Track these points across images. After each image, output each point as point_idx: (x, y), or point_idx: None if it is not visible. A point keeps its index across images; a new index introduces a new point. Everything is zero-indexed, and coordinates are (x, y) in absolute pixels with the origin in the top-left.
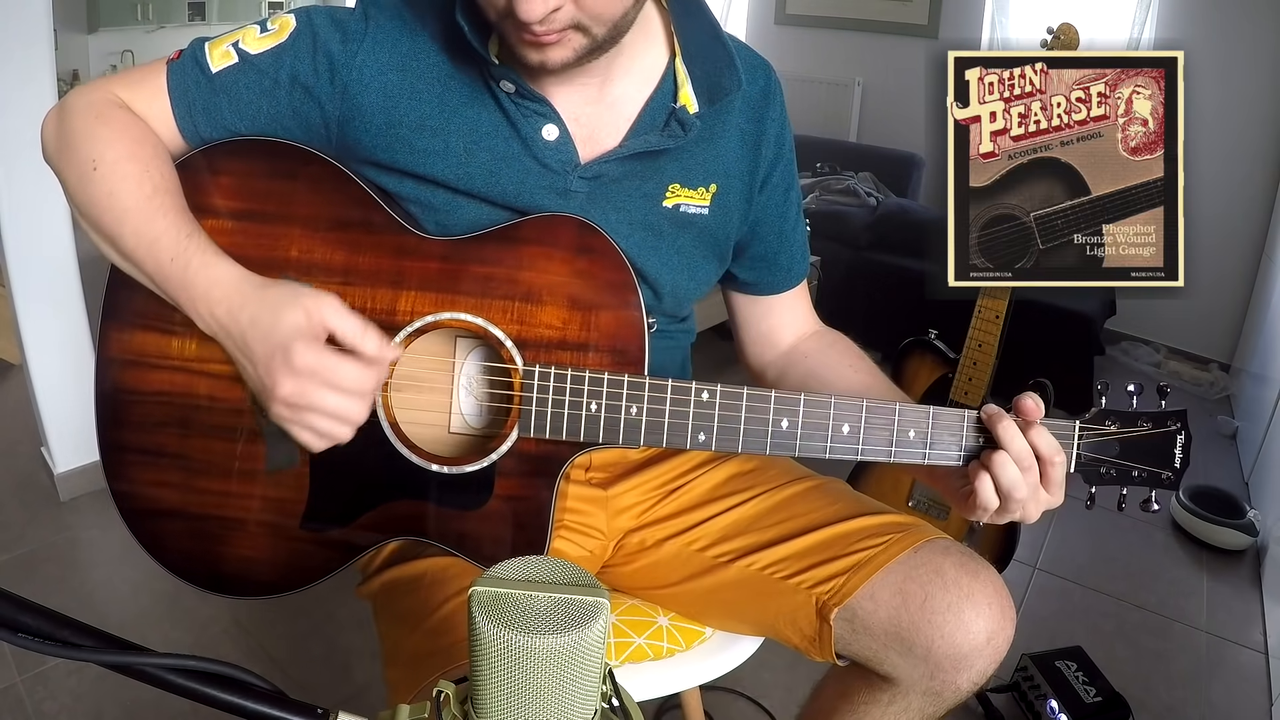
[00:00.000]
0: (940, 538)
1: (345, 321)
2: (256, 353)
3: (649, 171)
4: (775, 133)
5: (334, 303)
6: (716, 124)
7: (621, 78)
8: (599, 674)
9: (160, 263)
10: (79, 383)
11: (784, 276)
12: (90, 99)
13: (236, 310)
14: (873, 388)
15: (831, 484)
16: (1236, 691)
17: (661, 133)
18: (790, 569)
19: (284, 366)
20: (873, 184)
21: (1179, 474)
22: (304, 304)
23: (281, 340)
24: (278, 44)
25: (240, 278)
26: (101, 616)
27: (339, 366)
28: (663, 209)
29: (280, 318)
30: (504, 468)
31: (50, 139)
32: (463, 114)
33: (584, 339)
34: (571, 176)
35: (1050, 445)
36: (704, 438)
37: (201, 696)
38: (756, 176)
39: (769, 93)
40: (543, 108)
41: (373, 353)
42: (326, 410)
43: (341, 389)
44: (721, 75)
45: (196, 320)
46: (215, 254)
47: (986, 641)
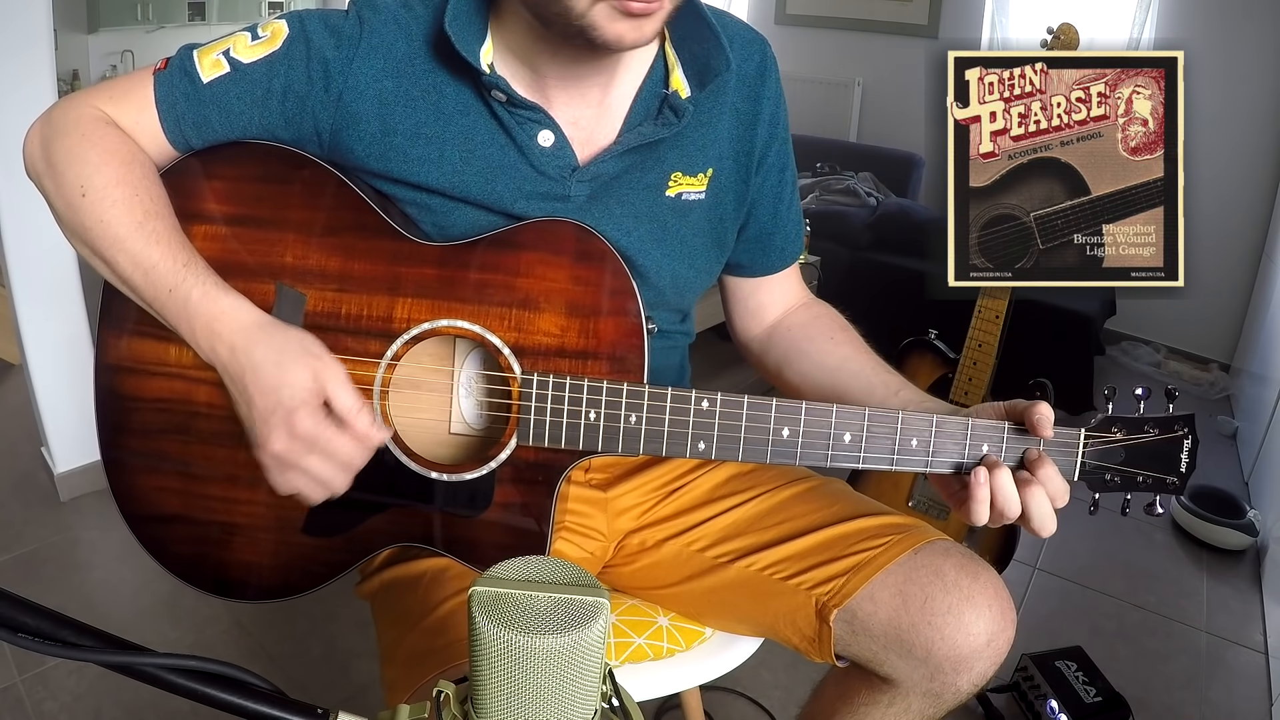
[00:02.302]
0: (940, 539)
1: (346, 396)
2: (256, 402)
3: (649, 163)
4: (770, 111)
5: (340, 374)
6: (712, 106)
7: (623, 77)
8: (599, 674)
9: (158, 292)
10: (79, 383)
11: (777, 257)
12: (75, 115)
13: (240, 352)
14: (852, 359)
15: (831, 484)
16: (1236, 691)
17: (656, 121)
18: (790, 570)
19: (283, 426)
20: (873, 184)
21: (1184, 479)
22: (313, 366)
23: (285, 401)
24: (270, 53)
25: (244, 316)
26: (101, 616)
27: (335, 439)
28: (666, 199)
29: (286, 375)
30: (503, 475)
31: (36, 158)
32: (458, 121)
33: (583, 346)
34: (570, 181)
35: (1059, 490)
36: (704, 446)
37: (201, 696)
38: (753, 157)
39: (764, 70)
40: (536, 114)
41: (362, 431)
42: (311, 474)
43: (333, 461)
44: (710, 56)
45: (195, 349)
46: (215, 284)
47: (987, 643)
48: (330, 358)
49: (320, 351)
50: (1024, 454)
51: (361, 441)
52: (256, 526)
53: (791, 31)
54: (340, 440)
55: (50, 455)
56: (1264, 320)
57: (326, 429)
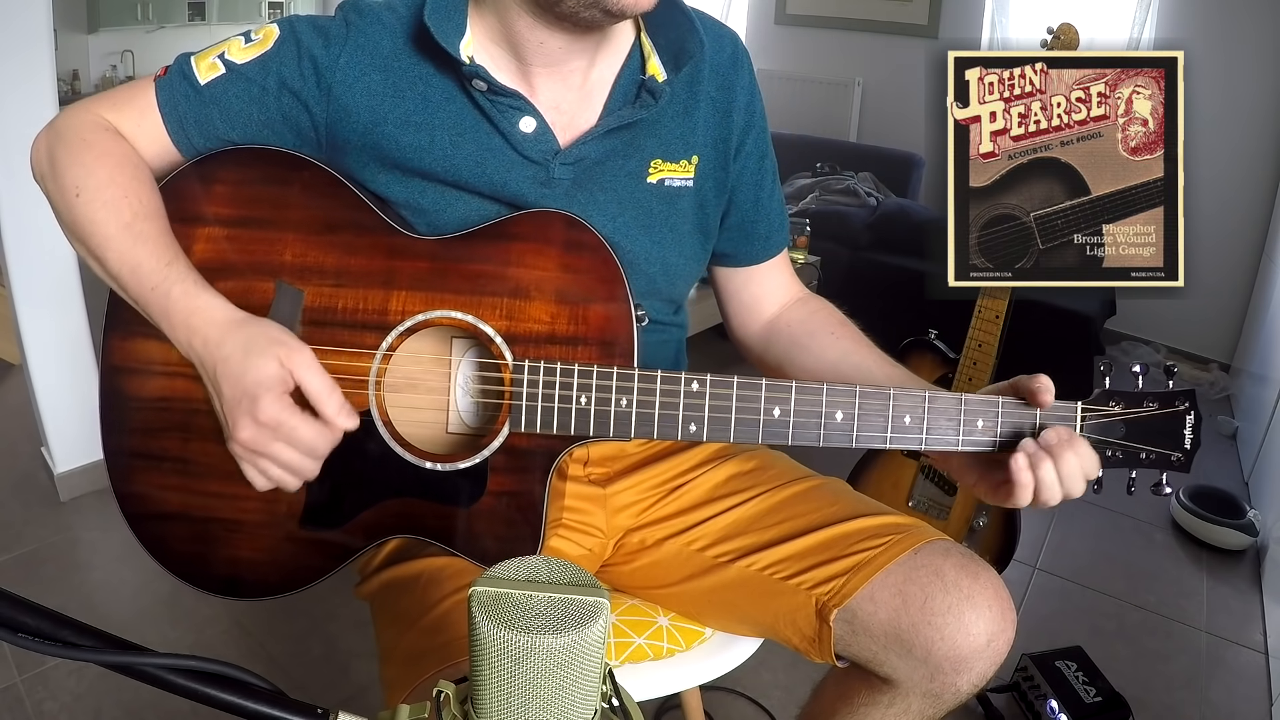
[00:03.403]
0: (940, 539)
1: (315, 379)
2: (224, 392)
3: (629, 149)
4: (745, 100)
5: (308, 357)
6: (690, 95)
7: (602, 60)
8: (599, 674)
9: (142, 289)
10: (79, 383)
11: (762, 246)
12: (78, 122)
13: (212, 345)
14: (854, 352)
15: (832, 484)
16: (1236, 691)
17: (634, 105)
18: (790, 570)
19: (248, 415)
20: (873, 184)
21: (1190, 455)
22: (278, 353)
23: (249, 388)
24: (263, 52)
25: (219, 312)
26: (101, 616)
27: (300, 426)
28: (648, 185)
29: (250, 363)
30: (497, 464)
31: (41, 163)
32: (445, 109)
33: (573, 333)
34: (553, 165)
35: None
36: (695, 428)
37: (201, 696)
38: (730, 144)
39: (736, 60)
40: (517, 101)
41: (330, 414)
42: (279, 461)
43: (297, 447)
44: (684, 40)
45: (176, 345)
46: (195, 282)
47: (987, 644)
48: (297, 344)
49: (288, 339)
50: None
51: (328, 425)
52: (255, 522)
53: (791, 31)
54: (304, 426)
55: (50, 455)
56: (1264, 320)
57: (291, 415)
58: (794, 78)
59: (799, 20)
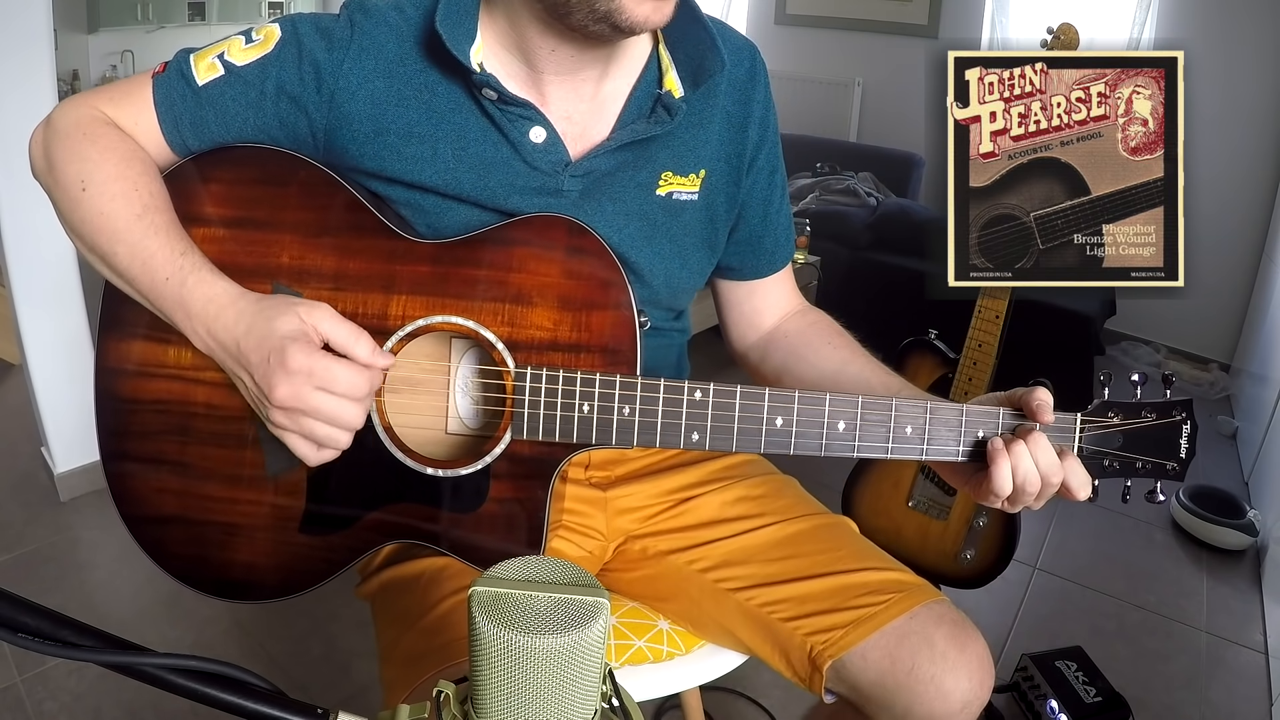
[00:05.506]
0: (938, 600)
1: (338, 328)
2: (252, 360)
3: (640, 161)
4: (760, 115)
5: (327, 310)
6: (704, 109)
7: (616, 71)
8: (599, 674)
9: (155, 282)
10: (79, 383)
11: (768, 261)
12: (76, 116)
13: (231, 325)
14: (851, 362)
15: (840, 524)
16: (1236, 691)
17: (649, 120)
18: (790, 612)
19: (279, 368)
20: (873, 184)
21: (1184, 464)
22: (298, 311)
23: (275, 345)
24: (263, 55)
25: (236, 294)
26: (101, 616)
27: (333, 367)
28: (656, 198)
29: (274, 324)
30: (498, 470)
31: (38, 158)
32: (450, 120)
33: (576, 339)
34: (563, 176)
35: (1051, 465)
36: (697, 437)
37: (201, 696)
38: (744, 159)
39: (754, 74)
40: (528, 111)
41: (364, 358)
42: (322, 413)
43: (335, 392)
44: (704, 57)
45: (192, 338)
46: (210, 271)
47: (961, 709)
48: (314, 302)
49: (306, 300)
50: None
51: (365, 368)
52: (255, 526)
53: (791, 31)
54: (338, 368)
55: (50, 455)
56: (1264, 320)
57: (321, 358)
58: (794, 78)
59: (799, 20)
